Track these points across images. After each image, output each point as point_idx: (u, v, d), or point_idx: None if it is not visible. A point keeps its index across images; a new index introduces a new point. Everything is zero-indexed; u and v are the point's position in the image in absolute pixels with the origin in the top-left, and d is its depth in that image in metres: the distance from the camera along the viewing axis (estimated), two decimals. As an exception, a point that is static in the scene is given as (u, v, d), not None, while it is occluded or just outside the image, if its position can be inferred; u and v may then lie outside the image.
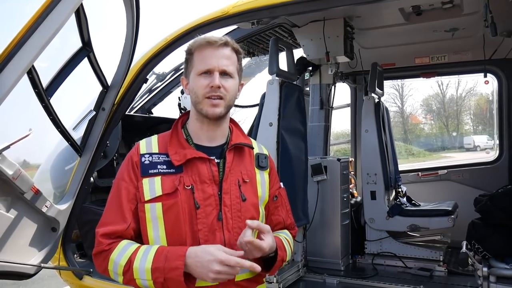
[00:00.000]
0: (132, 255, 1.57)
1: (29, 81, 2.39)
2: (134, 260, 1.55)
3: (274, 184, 1.91)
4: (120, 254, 1.58)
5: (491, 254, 3.42)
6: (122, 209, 1.64)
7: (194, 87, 1.67)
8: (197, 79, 1.65)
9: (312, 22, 4.23)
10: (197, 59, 1.67)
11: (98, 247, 1.62)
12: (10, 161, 2.33)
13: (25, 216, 2.67)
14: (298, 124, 3.79)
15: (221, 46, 1.67)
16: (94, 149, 3.20)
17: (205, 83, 1.63)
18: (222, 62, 1.65)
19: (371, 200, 4.33)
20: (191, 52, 1.69)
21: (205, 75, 1.64)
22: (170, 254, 1.54)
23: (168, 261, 1.52)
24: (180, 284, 1.51)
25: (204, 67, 1.64)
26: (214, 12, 3.18)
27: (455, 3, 3.83)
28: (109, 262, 1.59)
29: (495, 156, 5.29)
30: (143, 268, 1.54)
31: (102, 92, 3.16)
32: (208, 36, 1.69)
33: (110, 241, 1.61)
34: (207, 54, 1.65)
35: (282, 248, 1.76)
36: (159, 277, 1.52)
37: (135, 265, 1.55)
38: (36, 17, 2.20)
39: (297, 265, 3.85)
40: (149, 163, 1.67)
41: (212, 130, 1.73)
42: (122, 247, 1.60)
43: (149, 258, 1.54)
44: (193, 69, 1.68)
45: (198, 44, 1.67)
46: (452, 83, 30.64)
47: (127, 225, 1.63)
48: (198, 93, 1.65)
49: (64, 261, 3.51)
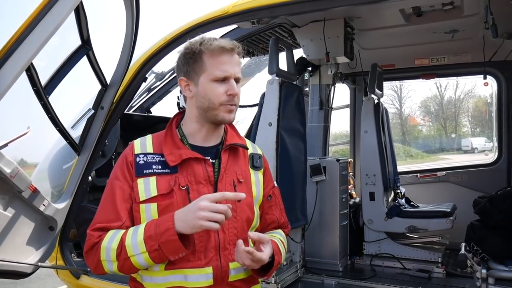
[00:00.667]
0: (123, 235, 1.55)
1: (28, 79, 2.38)
2: (125, 238, 1.54)
3: (268, 183, 1.91)
4: (111, 239, 1.56)
5: (490, 256, 3.41)
6: (116, 208, 1.62)
7: (208, 93, 1.64)
8: (212, 85, 1.63)
9: (312, 22, 4.22)
10: (211, 64, 1.62)
11: (89, 241, 1.60)
12: (8, 159, 2.32)
13: (22, 214, 2.65)
14: (298, 124, 3.79)
15: (235, 52, 1.66)
16: (92, 147, 3.18)
17: (222, 90, 1.62)
18: (236, 69, 1.65)
19: (369, 201, 4.33)
20: (199, 53, 1.63)
21: (221, 82, 1.63)
22: (159, 221, 1.53)
23: (159, 226, 1.50)
24: (175, 244, 1.48)
25: (221, 74, 1.62)
26: (214, 11, 3.18)
27: (455, 4, 3.83)
28: (101, 251, 1.56)
29: (494, 158, 5.29)
30: (135, 241, 1.51)
31: (101, 91, 3.15)
32: (221, 40, 1.65)
33: (100, 233, 1.59)
34: (224, 60, 1.62)
35: (278, 252, 1.76)
36: (154, 245, 1.49)
37: (127, 242, 1.53)
38: (36, 14, 2.19)
39: (296, 265, 3.84)
40: (144, 163, 1.66)
41: (211, 133, 1.74)
42: (112, 233, 1.58)
43: (140, 231, 1.53)
44: (204, 73, 1.63)
45: (212, 48, 1.62)
46: (451, 85, 30.73)
47: (121, 222, 1.61)
48: (214, 100, 1.63)
49: (62, 260, 3.49)
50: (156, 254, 1.51)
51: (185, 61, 1.69)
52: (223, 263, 1.64)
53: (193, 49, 1.65)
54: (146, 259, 1.52)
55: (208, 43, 1.63)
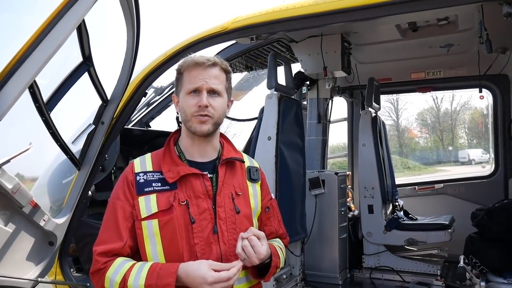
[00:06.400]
0: (127, 272, 1.60)
1: (30, 96, 2.40)
2: (128, 277, 1.59)
3: (266, 195, 1.96)
4: (115, 272, 1.61)
5: (489, 269, 3.43)
6: (119, 227, 1.67)
7: (183, 106, 1.72)
8: (186, 98, 1.71)
9: (309, 38, 4.29)
10: (186, 79, 1.72)
11: (94, 266, 1.67)
12: (9, 175, 2.32)
13: (23, 230, 2.65)
14: (296, 138, 3.82)
15: (209, 66, 1.72)
16: (92, 162, 3.19)
17: (193, 102, 1.69)
18: (210, 81, 1.71)
19: (368, 214, 4.34)
20: (181, 72, 1.75)
21: (194, 94, 1.70)
22: (162, 271, 1.58)
23: (160, 278, 1.55)
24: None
25: (192, 86, 1.70)
26: (213, 27, 3.22)
27: (450, 20, 3.90)
28: (105, 279, 1.62)
29: (491, 170, 5.32)
30: (136, 285, 1.57)
31: (102, 106, 3.17)
32: (196, 56, 1.74)
33: (106, 259, 1.65)
34: (195, 74, 1.71)
35: (276, 254, 1.81)
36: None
37: (129, 282, 1.58)
38: (39, 33, 2.22)
39: (295, 279, 3.84)
40: (144, 181, 1.71)
41: (203, 146, 1.79)
42: (117, 265, 1.63)
43: (143, 275, 1.58)
44: (182, 88, 1.74)
45: (187, 65, 1.73)
46: (447, 97, 30.85)
47: (123, 243, 1.66)
48: (187, 111, 1.71)
49: (61, 275, 3.47)
50: None
51: (175, 80, 1.80)
52: None
53: (178, 68, 1.77)
54: None
55: (186, 61, 1.74)
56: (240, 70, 5.12)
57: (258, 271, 1.77)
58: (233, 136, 15.26)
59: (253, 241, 1.62)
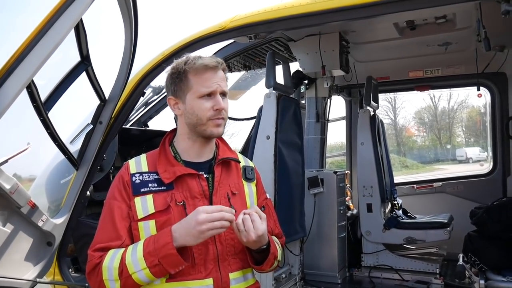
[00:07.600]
0: (123, 254, 1.59)
1: (28, 96, 2.39)
2: (125, 257, 1.58)
3: (261, 194, 1.96)
4: (112, 259, 1.60)
5: (488, 267, 3.44)
6: (116, 227, 1.66)
7: (195, 110, 1.70)
8: (198, 102, 1.69)
9: (308, 36, 4.28)
10: (196, 82, 1.70)
11: (90, 262, 1.64)
12: (7, 175, 2.31)
13: (21, 230, 2.64)
14: (295, 137, 3.81)
15: (219, 69, 1.72)
16: (91, 162, 3.18)
17: (209, 105, 1.69)
18: (221, 84, 1.71)
19: (367, 213, 4.34)
20: (185, 73, 1.71)
21: (207, 97, 1.69)
22: (157, 236, 1.58)
23: (157, 242, 1.55)
24: (175, 258, 1.53)
25: (206, 90, 1.68)
26: (211, 26, 3.21)
27: (448, 18, 3.90)
28: (103, 271, 1.60)
29: (489, 169, 5.33)
30: (135, 259, 1.56)
31: (100, 106, 3.16)
32: (205, 58, 1.72)
33: (101, 254, 1.63)
34: (208, 77, 1.69)
35: (274, 246, 1.81)
36: (154, 260, 1.54)
37: (127, 260, 1.57)
38: (36, 33, 2.21)
39: (294, 278, 3.84)
40: (140, 182, 1.71)
41: (204, 148, 1.79)
42: (112, 253, 1.62)
43: (139, 248, 1.57)
44: (190, 91, 1.71)
45: (196, 67, 1.69)
46: (444, 96, 30.92)
47: (121, 241, 1.65)
48: (202, 115, 1.69)
49: (59, 276, 3.46)
50: (157, 269, 1.54)
51: (172, 81, 1.75)
52: (223, 274, 1.68)
53: (178, 69, 1.73)
54: (147, 275, 1.55)
55: (192, 62, 1.70)
56: (238, 69, 5.12)
57: (254, 260, 1.75)
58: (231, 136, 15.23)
59: (253, 217, 1.61)
